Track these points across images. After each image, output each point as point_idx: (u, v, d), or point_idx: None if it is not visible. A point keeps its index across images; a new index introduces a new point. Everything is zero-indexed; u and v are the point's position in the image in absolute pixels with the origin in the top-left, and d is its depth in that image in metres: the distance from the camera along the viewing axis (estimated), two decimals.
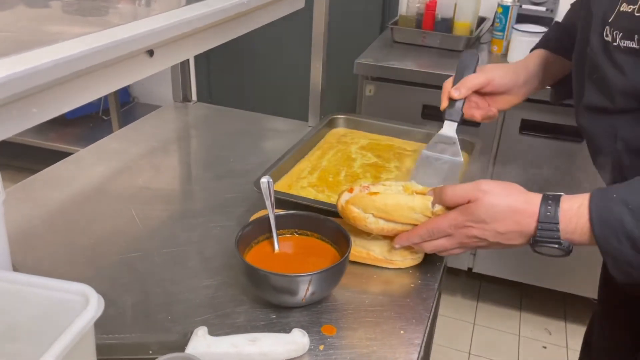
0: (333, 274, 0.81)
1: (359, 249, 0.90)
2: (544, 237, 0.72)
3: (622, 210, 0.67)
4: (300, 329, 0.76)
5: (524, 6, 2.04)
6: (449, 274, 2.25)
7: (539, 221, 0.72)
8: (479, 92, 1.03)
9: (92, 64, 0.59)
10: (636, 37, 0.71)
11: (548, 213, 0.71)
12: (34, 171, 1.18)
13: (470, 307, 2.21)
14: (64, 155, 1.27)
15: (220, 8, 0.77)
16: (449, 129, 1.00)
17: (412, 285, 0.89)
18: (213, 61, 2.85)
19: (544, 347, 2.03)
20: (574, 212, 0.71)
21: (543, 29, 1.88)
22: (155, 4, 0.84)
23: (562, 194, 0.73)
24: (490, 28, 2.13)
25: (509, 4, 1.94)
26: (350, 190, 0.87)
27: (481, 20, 2.17)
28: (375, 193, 0.84)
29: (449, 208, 0.80)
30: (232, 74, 2.88)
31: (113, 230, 1.00)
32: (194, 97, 1.60)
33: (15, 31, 0.63)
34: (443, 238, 0.81)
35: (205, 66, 2.86)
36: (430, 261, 0.94)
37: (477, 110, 1.03)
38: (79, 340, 0.53)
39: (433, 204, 0.81)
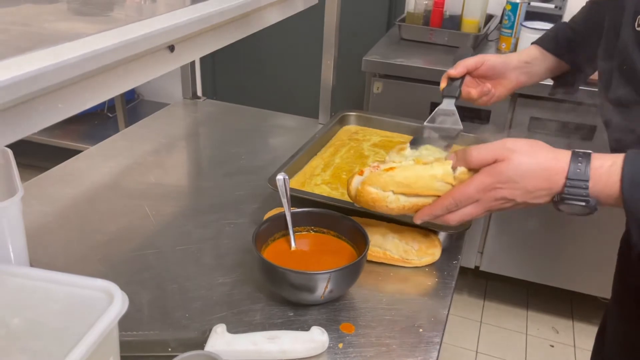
0: (351, 272, 0.80)
1: (376, 249, 0.90)
2: (572, 194, 0.70)
3: None
4: (319, 327, 0.75)
5: (532, 3, 2.03)
6: None
7: (567, 178, 0.70)
8: (474, 75, 1.06)
9: (114, 59, 0.59)
10: None
11: (578, 170, 0.70)
12: (40, 168, 1.17)
13: (477, 306, 2.20)
14: (69, 152, 1.27)
15: (239, 3, 0.76)
16: (448, 103, 1.02)
17: (429, 283, 0.88)
18: (218, 58, 2.84)
19: (552, 346, 2.03)
20: (605, 169, 0.69)
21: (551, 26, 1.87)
22: (160, 1, 0.84)
23: (591, 151, 0.71)
24: (498, 25, 2.12)
25: (517, 1, 1.93)
26: (361, 173, 0.83)
27: (489, 17, 2.16)
28: (392, 168, 0.79)
29: (473, 171, 0.76)
30: (237, 72, 2.87)
31: (126, 227, 1.00)
32: (200, 93, 1.59)
33: (35, 25, 0.63)
34: (470, 205, 0.76)
35: (210, 63, 2.85)
36: (446, 259, 0.93)
37: (473, 89, 1.06)
38: (105, 338, 0.53)
39: (454, 167, 0.77)
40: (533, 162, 0.72)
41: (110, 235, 0.97)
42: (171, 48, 0.68)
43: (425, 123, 1.02)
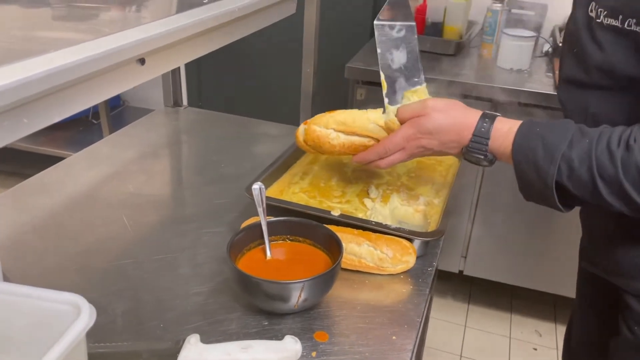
0: (325, 281, 0.81)
1: (351, 257, 0.91)
2: (474, 148, 0.84)
3: (537, 143, 0.77)
4: (292, 336, 0.76)
5: (513, 10, 2.06)
6: (440, 277, 2.26)
7: (473, 134, 0.83)
8: None
9: (83, 74, 0.59)
10: (620, 16, 0.75)
11: (482, 129, 0.83)
12: (24, 175, 1.17)
13: (462, 310, 2.22)
14: (53, 159, 1.27)
15: (210, 16, 0.77)
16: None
17: (403, 290, 0.89)
18: (204, 66, 2.84)
19: (535, 349, 2.05)
20: (503, 132, 0.82)
21: (532, 34, 1.90)
22: (145, 11, 0.84)
23: (499, 114, 0.84)
24: (480, 32, 2.15)
25: (498, 8, 1.96)
26: (306, 122, 0.99)
27: (471, 24, 2.18)
28: (334, 111, 0.96)
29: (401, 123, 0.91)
30: (224, 79, 2.87)
31: (104, 237, 1.00)
32: (185, 101, 1.60)
33: (5, 40, 0.63)
34: (397, 152, 0.91)
35: (195, 71, 2.85)
36: (421, 266, 0.94)
37: None
38: (71, 351, 0.53)
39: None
40: (447, 118, 0.86)
41: (87, 246, 0.97)
42: (142, 61, 0.68)
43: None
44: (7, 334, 0.57)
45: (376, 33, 1.01)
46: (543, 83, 1.81)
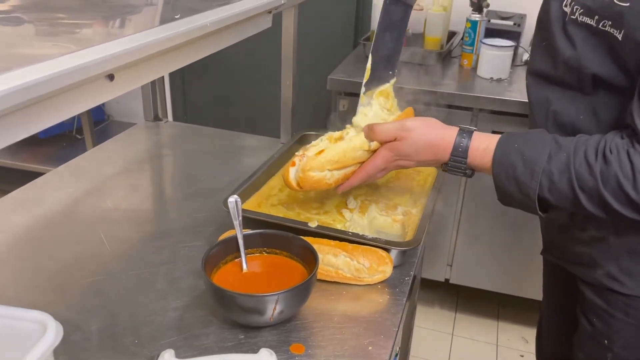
0: (300, 292, 0.81)
1: (328, 268, 0.91)
2: (453, 166, 0.87)
3: (517, 158, 0.80)
4: (267, 349, 0.76)
5: (492, 20, 2.08)
6: (427, 286, 2.26)
7: (451, 154, 0.86)
8: None
9: (49, 90, 0.59)
10: (596, 17, 0.76)
11: (459, 148, 0.86)
12: (5, 192, 1.16)
13: (449, 318, 2.22)
14: (36, 175, 1.26)
15: (182, 31, 0.77)
16: None
17: (380, 300, 0.89)
18: (188, 79, 2.85)
19: (521, 356, 2.05)
20: (480, 151, 0.85)
21: (511, 43, 1.92)
22: (129, 25, 0.84)
23: (474, 129, 0.87)
24: (460, 42, 2.17)
25: (477, 19, 1.99)
26: (293, 164, 0.96)
27: (452, 34, 2.21)
28: (321, 151, 0.95)
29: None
30: (208, 92, 2.87)
31: (80, 254, 0.99)
32: (170, 115, 1.60)
33: None
34: (378, 173, 0.95)
35: (180, 84, 2.86)
36: (398, 275, 0.95)
37: None
38: None
39: (365, 136, 0.93)
40: (424, 141, 0.88)
41: (63, 263, 0.97)
42: (110, 77, 0.68)
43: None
44: None
45: (381, 12, 1.04)
46: (522, 92, 1.82)
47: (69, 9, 0.82)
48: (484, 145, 0.84)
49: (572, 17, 0.81)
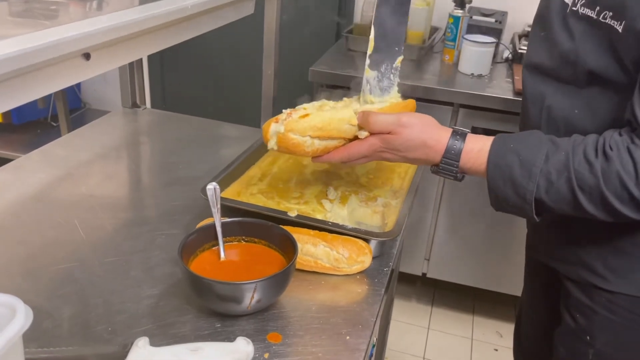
0: (278, 281, 0.80)
1: (307, 258, 0.90)
2: (444, 169, 0.85)
3: (513, 160, 0.77)
4: (244, 337, 0.75)
5: (474, 17, 2.09)
6: (404, 280, 2.27)
7: (442, 157, 0.84)
8: None
9: (23, 65, 0.57)
10: (597, 7, 0.75)
11: (452, 151, 0.83)
12: None
13: (425, 312, 2.23)
14: (8, 162, 1.22)
15: (162, 12, 0.76)
16: None
17: (359, 290, 0.89)
18: (167, 66, 2.80)
19: (496, 350, 2.08)
20: (474, 153, 0.82)
21: (492, 40, 1.94)
22: (106, 6, 0.82)
23: (468, 132, 0.84)
24: (442, 37, 2.18)
25: (459, 14, 1.99)
26: (276, 120, 0.90)
27: (434, 30, 2.22)
28: (307, 115, 0.89)
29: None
30: (188, 80, 2.83)
31: (53, 240, 0.97)
32: (148, 102, 1.57)
33: None
34: (360, 159, 0.90)
35: (159, 71, 2.81)
36: (377, 266, 0.94)
37: None
38: (5, 353, 0.51)
39: (359, 122, 0.89)
40: (420, 140, 0.85)
41: (34, 249, 0.94)
42: (87, 56, 0.66)
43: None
44: None
45: None
46: (503, 88, 1.84)
47: None
48: (477, 147, 0.82)
49: (574, 8, 0.80)
